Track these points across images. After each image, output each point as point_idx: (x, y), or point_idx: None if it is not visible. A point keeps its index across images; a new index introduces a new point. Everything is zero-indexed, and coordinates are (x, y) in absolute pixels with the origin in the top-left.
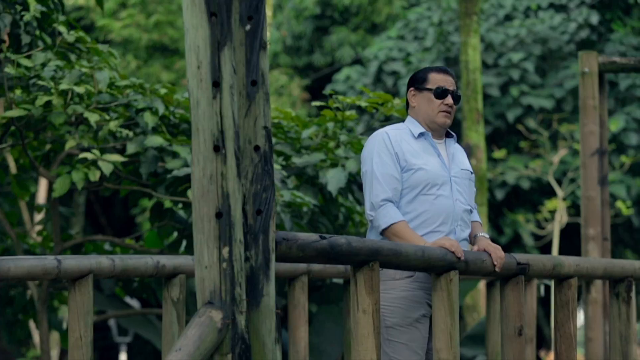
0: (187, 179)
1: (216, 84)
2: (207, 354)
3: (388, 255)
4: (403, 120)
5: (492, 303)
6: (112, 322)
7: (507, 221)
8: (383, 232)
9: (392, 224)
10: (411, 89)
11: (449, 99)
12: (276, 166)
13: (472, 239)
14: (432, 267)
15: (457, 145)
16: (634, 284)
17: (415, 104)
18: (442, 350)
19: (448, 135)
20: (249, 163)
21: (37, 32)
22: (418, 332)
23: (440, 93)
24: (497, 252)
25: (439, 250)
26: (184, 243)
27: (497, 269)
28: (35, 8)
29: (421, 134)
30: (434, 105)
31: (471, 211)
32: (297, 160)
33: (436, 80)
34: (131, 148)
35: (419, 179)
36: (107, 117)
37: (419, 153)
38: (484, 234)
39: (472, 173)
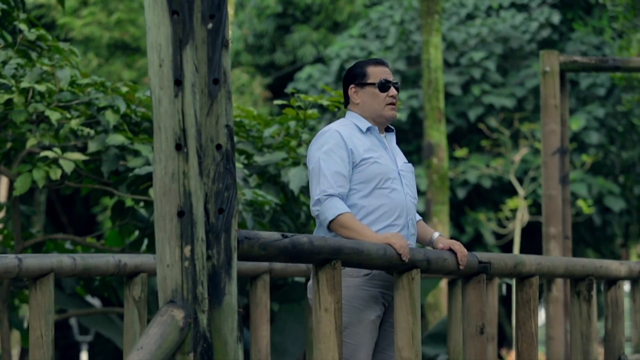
0: (148, 177)
1: (178, 82)
2: (169, 352)
3: (350, 253)
4: None
5: (454, 302)
6: (73, 321)
7: (468, 220)
8: (330, 225)
9: (338, 215)
10: (352, 86)
11: (393, 90)
12: (238, 165)
13: (427, 240)
14: (394, 265)
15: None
16: (595, 283)
17: (358, 101)
18: (404, 349)
19: (387, 129)
20: (210, 162)
21: None
22: (370, 335)
23: (384, 85)
24: (462, 250)
25: None
26: (146, 242)
27: (461, 267)
28: None
29: (369, 129)
30: (379, 99)
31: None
32: (258, 159)
33: (376, 73)
34: (92, 146)
35: (374, 173)
36: (69, 116)
37: (370, 147)
38: (440, 233)
39: (412, 165)
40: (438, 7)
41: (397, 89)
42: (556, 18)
